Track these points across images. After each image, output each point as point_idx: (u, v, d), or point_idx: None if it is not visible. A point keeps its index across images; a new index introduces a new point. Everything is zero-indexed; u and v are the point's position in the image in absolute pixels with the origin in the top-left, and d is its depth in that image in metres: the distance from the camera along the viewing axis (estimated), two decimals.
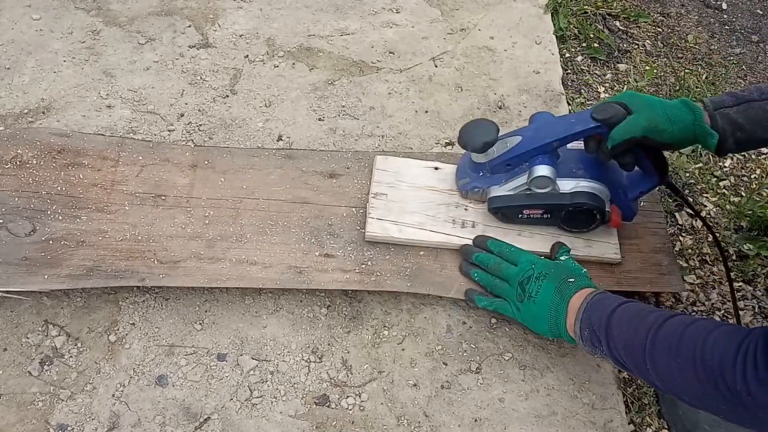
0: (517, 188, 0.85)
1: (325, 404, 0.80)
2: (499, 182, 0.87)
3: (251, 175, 0.94)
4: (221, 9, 1.22)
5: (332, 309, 0.87)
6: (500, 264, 0.84)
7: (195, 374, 0.81)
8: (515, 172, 0.86)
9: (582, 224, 0.87)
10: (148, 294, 0.87)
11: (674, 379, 0.63)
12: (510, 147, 0.84)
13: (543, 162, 0.83)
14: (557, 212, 0.85)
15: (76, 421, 0.77)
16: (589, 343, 0.73)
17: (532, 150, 0.83)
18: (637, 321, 0.68)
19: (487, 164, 0.86)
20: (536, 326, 0.80)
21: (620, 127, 0.77)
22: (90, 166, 0.93)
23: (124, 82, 1.09)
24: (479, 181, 0.88)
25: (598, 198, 0.84)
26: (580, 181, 0.84)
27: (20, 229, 0.86)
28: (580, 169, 0.85)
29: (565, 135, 0.81)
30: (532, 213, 0.86)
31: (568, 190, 0.84)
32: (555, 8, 1.28)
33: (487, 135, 0.83)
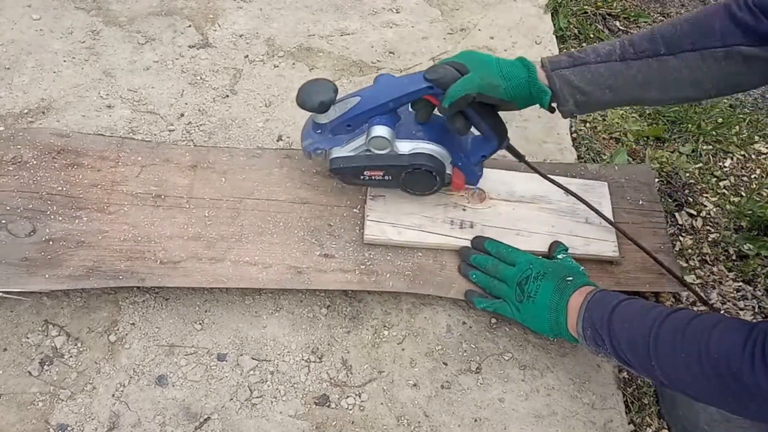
0: (357, 149, 0.84)
1: (325, 404, 0.80)
2: (340, 143, 0.86)
3: (251, 175, 0.94)
4: (221, 9, 1.22)
5: (332, 309, 0.87)
6: (498, 265, 0.83)
7: (195, 374, 0.81)
8: (356, 133, 0.85)
9: (423, 186, 0.87)
10: (148, 294, 0.87)
11: (680, 375, 0.63)
12: (349, 107, 0.83)
13: (381, 122, 0.82)
14: (397, 174, 0.85)
15: (76, 421, 0.77)
16: (592, 342, 0.72)
17: (370, 110, 0.82)
18: (639, 318, 0.68)
19: (328, 125, 0.85)
20: (537, 326, 0.80)
21: (456, 85, 0.75)
22: (90, 167, 0.93)
23: (124, 82, 1.09)
24: (321, 143, 0.86)
25: (436, 160, 0.83)
26: (419, 142, 0.83)
27: (20, 230, 0.86)
28: (420, 131, 0.84)
29: (400, 95, 0.80)
30: (372, 175, 0.86)
31: (407, 151, 0.83)
32: (555, 8, 1.28)
33: (323, 94, 0.81)
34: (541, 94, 0.76)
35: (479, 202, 0.91)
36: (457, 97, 0.75)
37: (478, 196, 0.92)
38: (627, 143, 1.12)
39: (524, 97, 0.76)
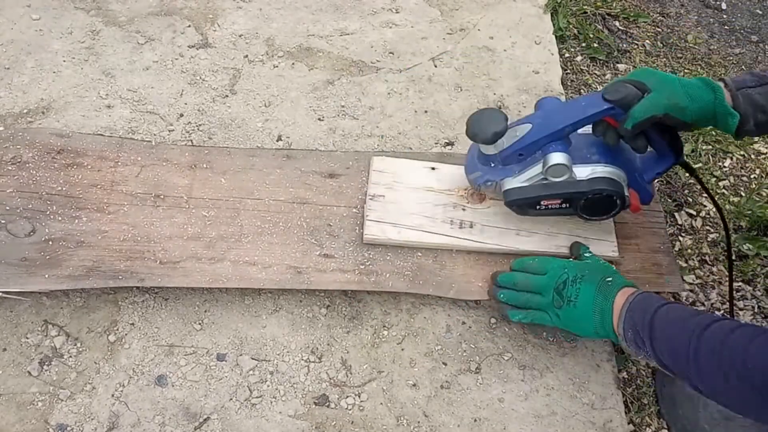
0: (532, 179, 0.82)
1: (324, 404, 0.80)
2: (512, 173, 0.83)
3: (251, 175, 0.94)
4: (221, 9, 1.22)
5: (332, 309, 0.87)
6: (527, 278, 0.82)
7: (194, 374, 0.81)
8: (528, 162, 0.82)
9: (603, 211, 0.83)
10: (148, 294, 0.87)
11: (718, 386, 0.62)
12: (521, 136, 0.80)
13: (557, 149, 0.79)
14: (576, 201, 0.82)
15: (76, 421, 0.77)
16: (633, 344, 0.71)
17: (545, 137, 0.79)
18: (680, 324, 0.67)
19: (498, 155, 0.82)
20: (580, 330, 0.77)
21: (641, 105, 0.73)
22: (89, 167, 0.93)
23: (124, 82, 1.09)
24: (491, 174, 0.84)
25: (616, 183, 0.80)
26: (596, 166, 0.80)
27: (20, 230, 0.86)
28: (594, 155, 0.81)
29: (578, 119, 0.78)
30: (550, 204, 0.83)
31: (585, 176, 0.80)
32: (554, 8, 1.28)
33: (496, 125, 0.79)
34: (727, 117, 0.73)
35: (479, 202, 0.91)
36: (642, 119, 0.73)
37: (477, 196, 0.92)
38: None
39: (708, 119, 0.74)
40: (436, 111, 1.09)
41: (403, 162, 0.96)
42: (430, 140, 1.05)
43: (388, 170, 0.94)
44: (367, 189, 0.92)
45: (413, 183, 0.93)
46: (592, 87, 1.19)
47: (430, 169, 0.95)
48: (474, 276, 0.87)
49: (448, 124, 1.08)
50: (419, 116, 1.08)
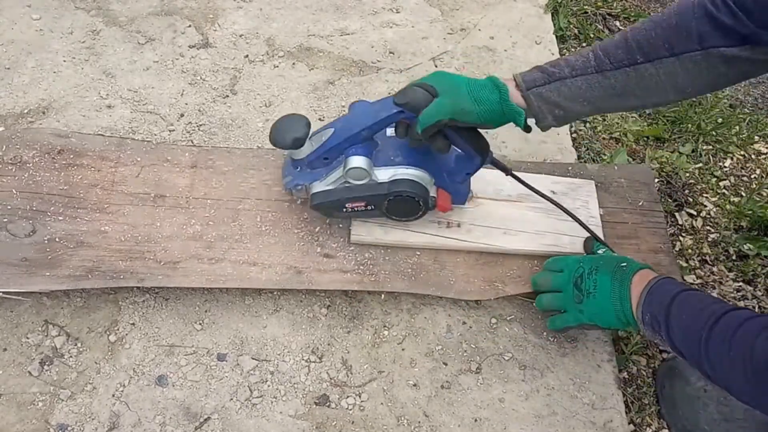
0: (336, 182, 0.83)
1: (325, 404, 0.80)
2: (319, 177, 0.84)
3: (251, 175, 0.94)
4: (221, 9, 1.22)
5: (332, 309, 0.87)
6: (548, 277, 0.83)
7: (195, 374, 0.81)
8: (333, 165, 0.83)
9: (407, 213, 0.85)
10: (148, 294, 0.87)
11: (726, 375, 0.63)
12: (324, 140, 0.81)
13: (357, 153, 0.80)
14: (379, 203, 0.83)
15: (76, 421, 0.77)
16: (649, 328, 0.71)
17: (344, 141, 0.80)
18: (695, 313, 0.67)
19: (305, 160, 0.83)
20: (604, 321, 0.77)
21: (426, 111, 0.74)
22: (90, 167, 0.93)
23: (124, 82, 1.09)
24: (300, 178, 0.85)
25: (418, 185, 0.81)
26: (398, 168, 0.81)
27: (20, 230, 0.85)
28: (398, 156, 0.82)
29: (371, 123, 0.78)
30: (355, 206, 0.84)
31: (387, 179, 0.81)
32: (555, 8, 1.28)
33: (296, 130, 0.80)
34: (515, 115, 0.75)
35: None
36: (428, 124, 0.74)
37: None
38: (627, 143, 1.12)
39: (497, 119, 0.75)
40: None
41: None
42: None
43: None
44: None
45: None
46: None
47: None
48: (474, 276, 0.87)
49: None
50: None
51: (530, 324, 0.88)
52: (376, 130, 0.80)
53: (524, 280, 0.88)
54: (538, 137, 1.08)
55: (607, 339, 0.87)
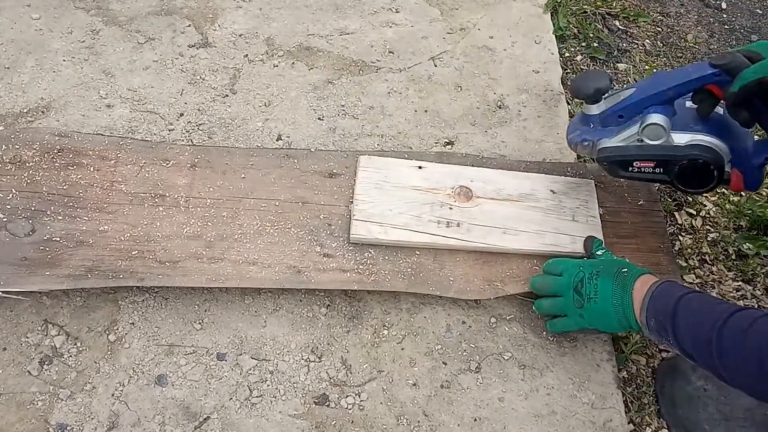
0: (628, 138, 0.81)
1: (324, 404, 0.80)
2: (609, 134, 0.82)
3: (251, 174, 0.94)
4: (221, 8, 1.22)
5: (332, 308, 0.87)
6: (545, 280, 0.83)
7: (194, 374, 0.81)
8: (627, 124, 0.81)
9: (698, 182, 0.80)
10: (148, 293, 0.87)
11: (741, 375, 0.62)
12: (623, 98, 0.80)
13: (657, 111, 0.78)
14: (670, 166, 0.80)
15: (76, 421, 0.77)
16: (656, 333, 0.71)
17: (646, 99, 0.79)
18: (703, 313, 0.67)
19: (599, 116, 0.83)
20: (605, 326, 0.78)
21: (751, 68, 0.70)
22: (89, 166, 0.93)
23: (124, 82, 1.09)
24: (589, 134, 0.84)
25: (716, 153, 0.78)
26: (696, 135, 0.78)
27: (20, 230, 0.85)
28: (698, 125, 0.79)
29: (680, 83, 0.76)
30: (643, 166, 0.81)
31: (684, 142, 0.78)
32: (554, 8, 1.28)
33: (599, 81, 0.81)
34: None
35: (466, 200, 0.91)
36: (749, 81, 0.69)
37: (464, 194, 0.92)
38: None
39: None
40: (436, 110, 1.09)
41: (391, 161, 0.95)
42: (430, 140, 1.05)
43: (375, 169, 0.94)
44: (354, 188, 0.92)
45: (400, 182, 0.93)
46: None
47: (417, 168, 0.95)
48: (474, 276, 0.87)
49: (448, 123, 1.08)
50: (419, 116, 1.08)
51: (530, 323, 0.88)
52: (682, 91, 0.77)
53: (524, 279, 0.88)
54: (538, 136, 1.08)
55: (607, 338, 0.87)
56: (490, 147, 1.05)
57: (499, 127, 1.08)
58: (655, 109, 0.79)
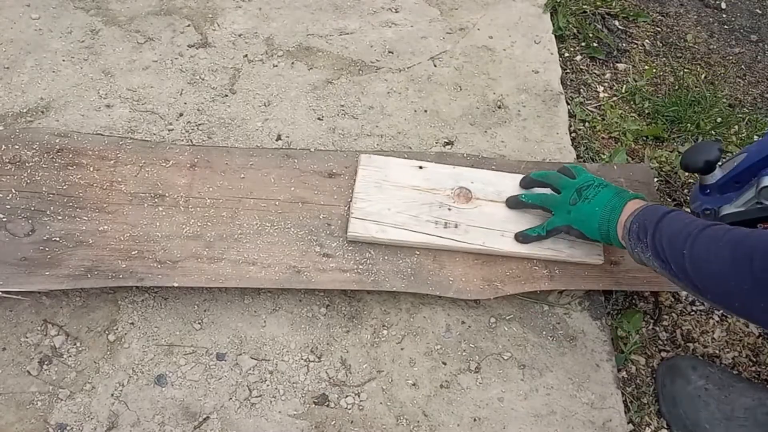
0: (747, 203, 0.83)
1: (324, 404, 0.80)
2: (729, 201, 0.85)
3: (250, 174, 0.94)
4: (220, 8, 1.22)
5: (331, 308, 0.87)
6: (557, 175, 0.88)
7: (194, 374, 0.81)
8: (744, 189, 0.84)
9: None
10: (147, 293, 0.87)
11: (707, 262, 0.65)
12: (736, 164, 0.83)
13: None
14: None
15: (75, 421, 0.77)
16: (634, 236, 0.75)
17: (758, 162, 0.81)
18: (689, 219, 0.71)
19: (716, 185, 0.86)
20: (586, 226, 0.82)
21: None
22: (89, 166, 0.93)
23: (123, 82, 1.09)
24: (709, 202, 0.87)
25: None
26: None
27: (19, 230, 0.85)
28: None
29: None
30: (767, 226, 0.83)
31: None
32: (554, 8, 1.28)
33: (708, 154, 0.84)
34: None
35: (465, 202, 0.91)
36: None
37: (464, 196, 0.92)
38: (626, 143, 1.12)
39: None
40: (436, 110, 1.09)
41: (391, 160, 0.95)
42: (429, 139, 1.05)
43: (375, 168, 0.94)
44: (354, 187, 0.92)
45: (400, 181, 0.93)
46: (591, 86, 1.19)
47: (417, 168, 0.95)
48: (474, 276, 0.87)
49: (448, 123, 1.08)
50: (419, 116, 1.08)
51: (529, 323, 0.88)
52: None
53: (523, 279, 0.88)
54: (538, 136, 1.08)
55: (606, 338, 0.87)
56: (490, 147, 1.05)
57: (499, 127, 1.08)
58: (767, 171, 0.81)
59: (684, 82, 1.20)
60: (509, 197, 0.91)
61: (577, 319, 0.89)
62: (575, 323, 0.89)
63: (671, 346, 0.90)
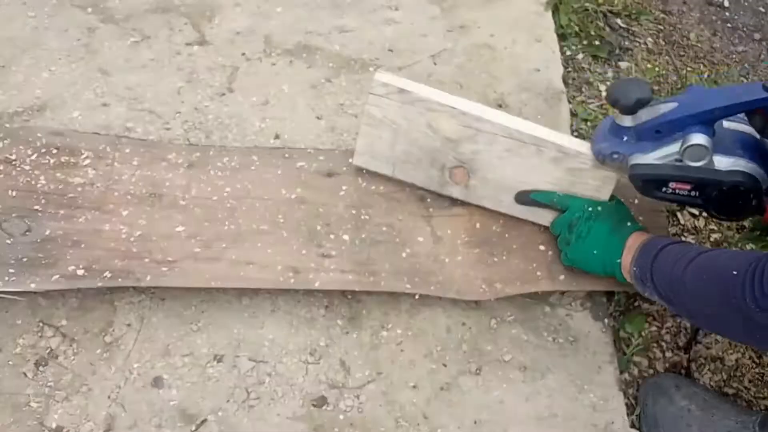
0: (666, 158, 0.77)
1: (323, 406, 0.79)
2: (644, 150, 0.78)
3: (249, 174, 0.94)
4: (218, 6, 1.21)
5: (330, 310, 0.87)
6: (556, 217, 0.87)
7: (191, 376, 0.80)
8: (665, 141, 0.77)
9: (734, 210, 0.78)
10: (144, 295, 0.86)
11: (700, 297, 0.66)
12: (663, 112, 0.76)
13: (700, 131, 0.75)
14: (708, 190, 0.77)
15: (72, 423, 0.76)
16: (639, 280, 0.75)
17: (689, 117, 0.75)
18: (679, 255, 0.71)
19: (633, 129, 0.78)
20: (588, 267, 0.82)
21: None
22: (86, 166, 0.92)
23: (120, 80, 1.08)
24: (621, 147, 0.80)
25: (756, 181, 0.76)
26: (739, 159, 0.76)
27: (15, 229, 0.85)
28: (739, 149, 0.77)
29: (731, 104, 0.73)
30: (678, 188, 0.78)
31: (725, 167, 0.76)
32: (556, 5, 1.27)
33: (641, 92, 0.76)
34: None
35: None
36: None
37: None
38: None
39: None
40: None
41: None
42: None
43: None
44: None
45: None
46: (593, 85, 1.19)
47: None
48: (475, 276, 0.87)
49: None
50: None
51: (531, 325, 0.87)
52: (731, 112, 0.75)
53: (524, 280, 0.87)
54: None
55: (608, 340, 0.87)
56: None
57: None
58: (698, 129, 0.75)
59: (687, 81, 1.19)
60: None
61: (579, 320, 0.88)
62: (577, 325, 0.88)
63: (675, 348, 0.89)
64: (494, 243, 0.90)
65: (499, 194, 0.90)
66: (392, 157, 0.92)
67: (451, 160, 0.90)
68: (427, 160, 0.90)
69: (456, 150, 0.89)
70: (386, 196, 0.93)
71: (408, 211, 0.92)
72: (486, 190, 0.91)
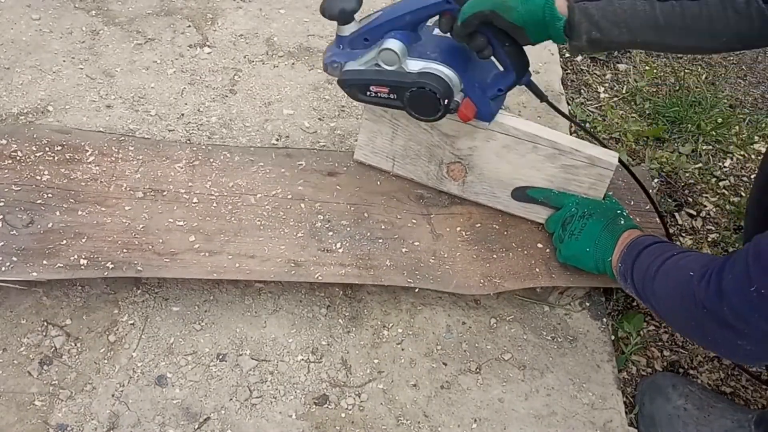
0: (368, 62, 0.82)
1: (324, 404, 0.80)
2: (355, 57, 0.83)
3: (251, 172, 0.94)
4: (221, 9, 1.22)
5: (332, 309, 0.87)
6: (551, 215, 0.89)
7: (194, 374, 0.81)
8: (371, 47, 0.82)
9: (426, 109, 0.82)
10: (148, 294, 0.87)
11: (666, 297, 0.68)
12: (371, 20, 0.81)
13: (395, 37, 0.79)
14: (402, 93, 0.81)
15: (76, 421, 0.77)
16: (622, 276, 0.78)
17: (386, 23, 0.79)
18: (656, 255, 0.73)
19: (348, 38, 0.82)
20: (581, 263, 0.83)
21: (471, 1, 0.73)
22: (90, 162, 0.93)
23: (124, 82, 1.09)
24: (339, 56, 0.84)
25: (444, 83, 0.79)
26: (430, 63, 0.80)
27: (18, 221, 0.85)
28: (434, 53, 0.81)
29: (415, 8, 0.78)
30: (378, 91, 0.82)
31: (416, 70, 0.80)
32: None
33: (346, 2, 0.79)
34: (554, 21, 0.72)
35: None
36: (469, 13, 0.73)
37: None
38: (627, 143, 1.12)
39: (537, 22, 0.72)
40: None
41: None
42: None
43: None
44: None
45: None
46: (592, 87, 1.19)
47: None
48: (473, 272, 0.87)
49: None
50: None
51: (530, 324, 0.88)
52: (419, 16, 0.79)
53: (523, 276, 0.87)
54: None
55: (607, 339, 0.87)
56: None
57: None
58: (395, 34, 0.79)
59: (685, 83, 1.20)
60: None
61: (578, 319, 0.89)
62: (576, 324, 0.88)
63: (673, 346, 0.90)
64: (493, 240, 0.91)
65: (495, 190, 0.92)
66: (392, 152, 0.93)
67: (448, 155, 0.91)
68: (426, 156, 0.92)
69: (453, 146, 0.90)
70: (386, 195, 0.94)
71: (407, 209, 0.93)
72: (482, 186, 0.92)
